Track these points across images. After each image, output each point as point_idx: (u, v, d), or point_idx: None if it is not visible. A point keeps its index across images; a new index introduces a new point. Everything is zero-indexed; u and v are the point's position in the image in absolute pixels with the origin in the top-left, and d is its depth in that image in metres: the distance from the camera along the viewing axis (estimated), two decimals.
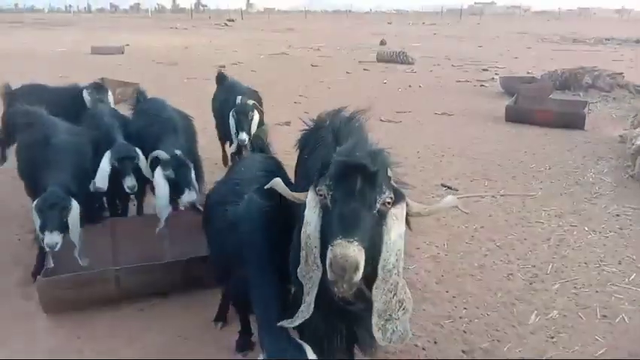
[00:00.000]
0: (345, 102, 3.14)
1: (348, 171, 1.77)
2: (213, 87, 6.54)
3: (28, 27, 38.93)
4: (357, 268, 1.61)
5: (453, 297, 3.67)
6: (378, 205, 1.78)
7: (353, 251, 1.61)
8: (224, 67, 15.15)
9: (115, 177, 3.87)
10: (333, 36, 30.38)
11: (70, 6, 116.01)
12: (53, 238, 3.11)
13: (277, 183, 2.18)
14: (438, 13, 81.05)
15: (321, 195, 1.84)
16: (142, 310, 3.46)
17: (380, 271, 1.79)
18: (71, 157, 3.68)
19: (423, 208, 2.00)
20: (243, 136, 5.15)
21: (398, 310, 1.85)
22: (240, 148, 5.36)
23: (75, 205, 3.29)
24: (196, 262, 3.39)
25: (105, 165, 3.81)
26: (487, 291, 3.74)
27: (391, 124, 8.86)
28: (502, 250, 4.36)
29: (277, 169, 3.03)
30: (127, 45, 21.15)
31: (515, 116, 9.07)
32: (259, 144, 3.49)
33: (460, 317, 3.43)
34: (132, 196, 4.44)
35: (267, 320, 2.18)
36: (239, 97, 5.46)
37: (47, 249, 3.18)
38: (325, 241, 1.77)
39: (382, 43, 23.79)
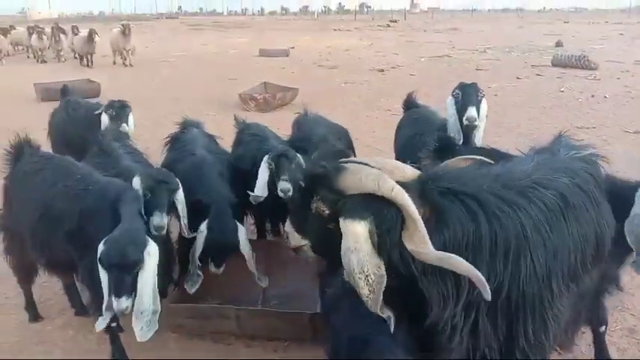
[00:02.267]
0: (515, 114, 2.47)
1: None
2: (369, 91, 6.16)
3: (208, 29, 42.84)
4: None
5: None
6: None
7: None
8: (382, 71, 14.82)
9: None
10: (502, 37, 28.34)
11: (245, 9, 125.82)
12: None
13: None
14: (625, 10, 71.82)
15: None
16: (276, 351, 3.17)
17: None
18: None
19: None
20: None
21: None
22: None
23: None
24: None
25: (263, 170, 3.51)
26: None
27: None
28: None
29: None
30: (292, 47, 21.91)
31: None
32: None
33: None
34: None
35: None
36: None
37: None
38: None
39: (558, 44, 21.48)
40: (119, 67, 16.99)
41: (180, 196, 2.99)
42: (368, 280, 1.72)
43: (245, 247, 3.25)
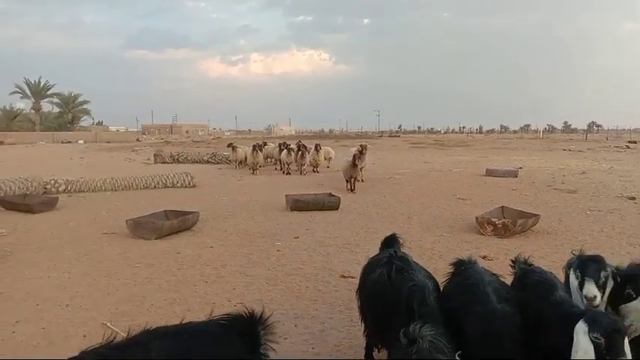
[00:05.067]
0: None
1: None
2: (623, 222, 5.32)
3: (428, 147, 44.35)
4: None
5: None
6: None
7: None
8: (634, 198, 13.17)
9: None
10: None
11: (463, 127, 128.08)
12: None
13: None
14: None
15: None
16: None
17: None
18: None
19: None
20: None
21: None
22: None
23: None
24: None
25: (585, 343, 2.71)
26: None
27: None
28: None
29: None
30: (521, 168, 21.14)
31: None
32: None
33: None
34: None
35: None
36: None
37: None
38: None
39: None
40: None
41: None
42: None
43: None
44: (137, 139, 69.63)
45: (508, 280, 4.04)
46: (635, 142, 45.88)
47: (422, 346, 2.61)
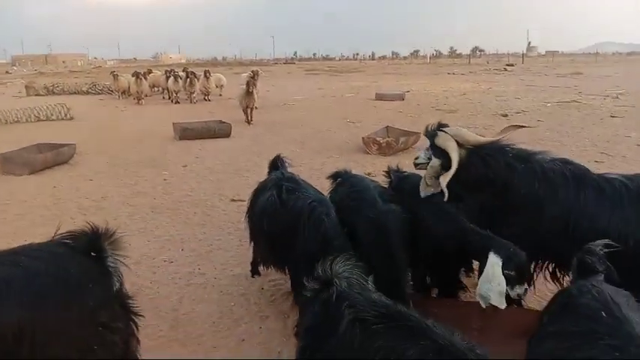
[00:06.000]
0: None
1: None
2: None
3: (323, 73, 44.39)
4: None
5: None
6: None
7: None
8: (506, 115, 14.27)
9: None
10: (635, 82, 26.25)
11: (356, 54, 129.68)
12: None
13: None
14: None
15: None
16: None
17: None
18: None
19: None
20: None
21: None
22: None
23: None
24: None
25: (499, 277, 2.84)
26: None
27: None
28: None
29: None
30: (408, 91, 21.93)
31: None
32: None
33: None
34: None
35: None
36: None
37: None
38: None
39: None
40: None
41: None
42: None
43: None
44: (7, 72, 62.39)
45: None
46: (513, 65, 49.19)
47: (341, 289, 2.34)
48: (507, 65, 48.47)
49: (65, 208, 6.46)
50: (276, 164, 4.45)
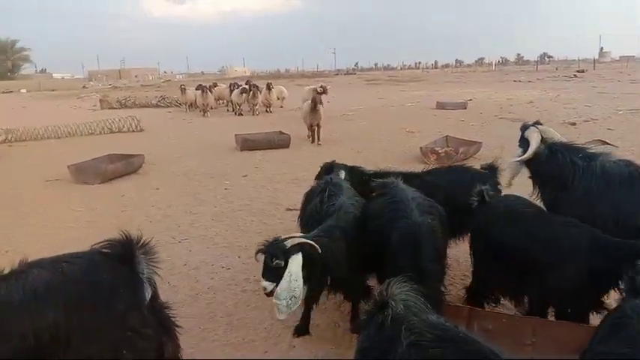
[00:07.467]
0: None
1: None
2: None
3: (383, 83, 44.24)
4: None
5: None
6: None
7: None
8: (574, 124, 13.67)
9: None
10: None
11: (419, 62, 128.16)
12: None
13: None
14: None
15: None
16: None
17: None
18: None
19: None
20: None
21: None
22: None
23: None
24: None
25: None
26: None
27: None
28: None
29: None
30: (470, 100, 21.47)
31: None
32: None
33: None
34: None
35: None
36: None
37: None
38: None
39: None
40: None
41: None
42: None
43: None
44: (84, 86, 66.51)
45: None
46: (583, 71, 47.00)
47: (396, 311, 2.22)
48: (577, 71, 46.34)
49: (133, 216, 6.83)
50: (329, 169, 4.58)
